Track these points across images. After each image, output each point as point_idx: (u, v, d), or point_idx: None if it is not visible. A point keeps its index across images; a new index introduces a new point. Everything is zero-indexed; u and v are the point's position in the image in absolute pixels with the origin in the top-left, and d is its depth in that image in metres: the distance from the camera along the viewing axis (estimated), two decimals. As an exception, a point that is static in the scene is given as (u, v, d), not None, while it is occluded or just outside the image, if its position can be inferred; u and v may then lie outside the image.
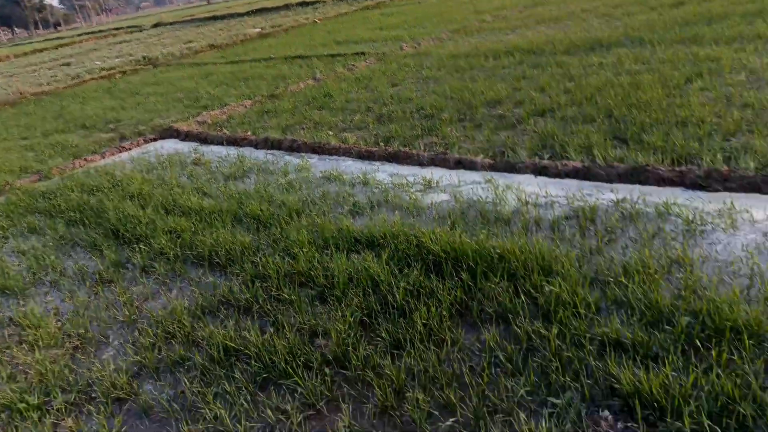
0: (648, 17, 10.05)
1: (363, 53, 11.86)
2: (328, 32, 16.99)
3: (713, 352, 2.20)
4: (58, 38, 50.68)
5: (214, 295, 3.48)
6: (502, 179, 4.49)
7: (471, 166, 4.85)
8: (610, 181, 3.98)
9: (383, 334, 2.76)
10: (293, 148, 6.48)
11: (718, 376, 2.08)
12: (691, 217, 3.28)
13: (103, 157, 7.26)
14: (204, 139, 7.44)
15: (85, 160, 7.15)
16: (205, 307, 3.39)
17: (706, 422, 1.92)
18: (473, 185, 4.50)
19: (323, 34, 16.78)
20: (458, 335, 2.65)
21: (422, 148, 5.59)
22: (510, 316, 2.69)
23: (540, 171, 4.38)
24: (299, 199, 4.75)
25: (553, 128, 5.29)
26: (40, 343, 3.29)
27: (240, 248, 3.99)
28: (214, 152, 6.85)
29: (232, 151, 6.76)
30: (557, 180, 4.24)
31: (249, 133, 7.32)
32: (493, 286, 2.91)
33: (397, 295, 2.99)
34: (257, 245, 4.05)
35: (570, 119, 5.51)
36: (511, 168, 4.61)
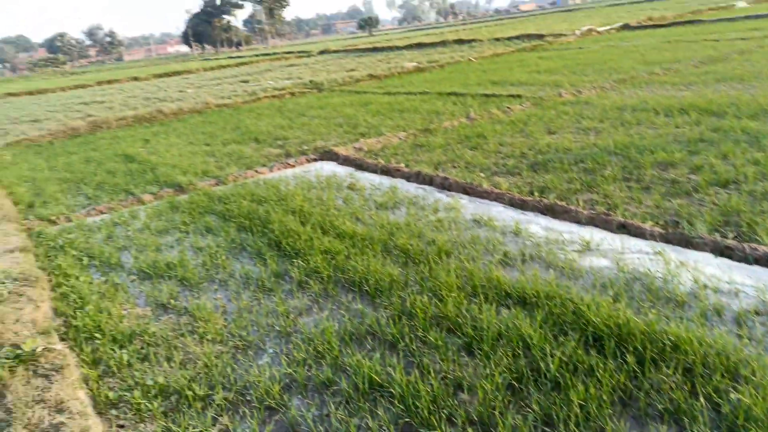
0: None
1: (519, 96, 11.74)
2: (483, 71, 17.11)
3: None
4: (238, 57, 57.09)
5: (362, 323, 3.59)
6: (674, 253, 4.11)
7: (637, 233, 4.51)
8: (813, 277, 3.45)
9: (534, 406, 2.63)
10: (444, 185, 6.55)
11: None
12: None
13: (271, 171, 7.96)
14: (359, 166, 7.83)
15: (256, 171, 7.89)
16: (353, 333, 3.51)
17: None
18: (639, 255, 4.18)
19: (478, 73, 16.93)
20: (621, 427, 2.44)
21: (580, 205, 5.34)
22: (685, 419, 2.42)
23: (722, 251, 3.94)
24: (448, 240, 4.77)
25: (738, 203, 4.75)
26: (209, 336, 3.64)
27: (389, 280, 4.09)
28: (367, 179, 7.17)
29: (385, 181, 7.01)
30: (743, 265, 3.78)
31: (402, 165, 7.56)
32: (664, 378, 2.65)
33: (551, 365, 2.84)
34: (405, 280, 4.12)
35: (760, 195, 4.91)
36: (686, 242, 4.21)
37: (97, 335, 3.81)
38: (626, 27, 27.64)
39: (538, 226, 5.05)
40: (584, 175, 6.17)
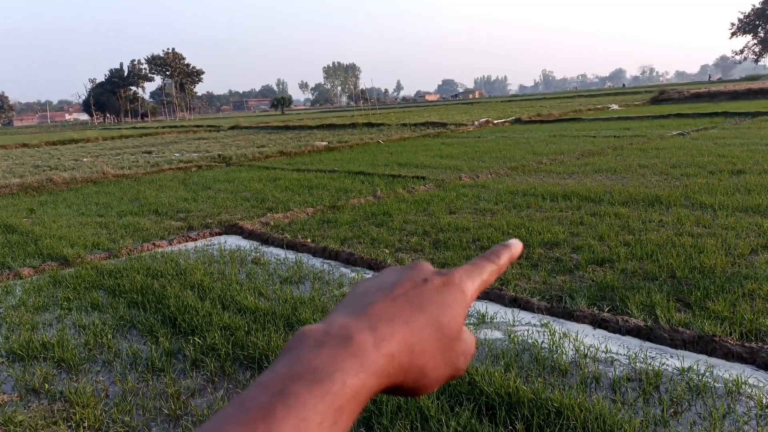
0: (707, 181, 10.19)
1: (423, 178, 12.42)
2: (390, 153, 17.98)
3: None
4: (143, 128, 55.66)
5: (260, 402, 3.46)
6: (558, 325, 4.42)
7: (527, 306, 4.82)
8: (674, 346, 3.86)
9: (431, 477, 2.64)
10: (350, 261, 6.65)
11: None
12: (765, 402, 3.10)
13: (171, 244, 7.65)
14: (265, 240, 7.76)
15: (153, 244, 7.54)
16: (249, 414, 3.35)
17: None
18: (528, 327, 4.45)
19: (386, 154, 17.77)
20: (511, 493, 2.51)
21: (477, 281, 5.64)
22: (569, 481, 2.54)
23: (599, 323, 4.31)
24: (352, 315, 4.79)
25: (613, 280, 5.26)
26: (86, 423, 3.31)
27: (290, 357, 4.00)
28: (273, 254, 7.10)
29: (291, 255, 6.99)
30: (617, 336, 4.15)
31: (309, 240, 7.60)
32: (550, 443, 2.78)
33: (448, 436, 2.89)
34: (307, 356, 4.05)
35: (630, 273, 5.48)
36: (569, 315, 4.55)
37: (-52, 427, 3.33)
38: (518, 121, 30.55)
39: (437, 300, 5.23)
40: (480, 252, 6.55)
